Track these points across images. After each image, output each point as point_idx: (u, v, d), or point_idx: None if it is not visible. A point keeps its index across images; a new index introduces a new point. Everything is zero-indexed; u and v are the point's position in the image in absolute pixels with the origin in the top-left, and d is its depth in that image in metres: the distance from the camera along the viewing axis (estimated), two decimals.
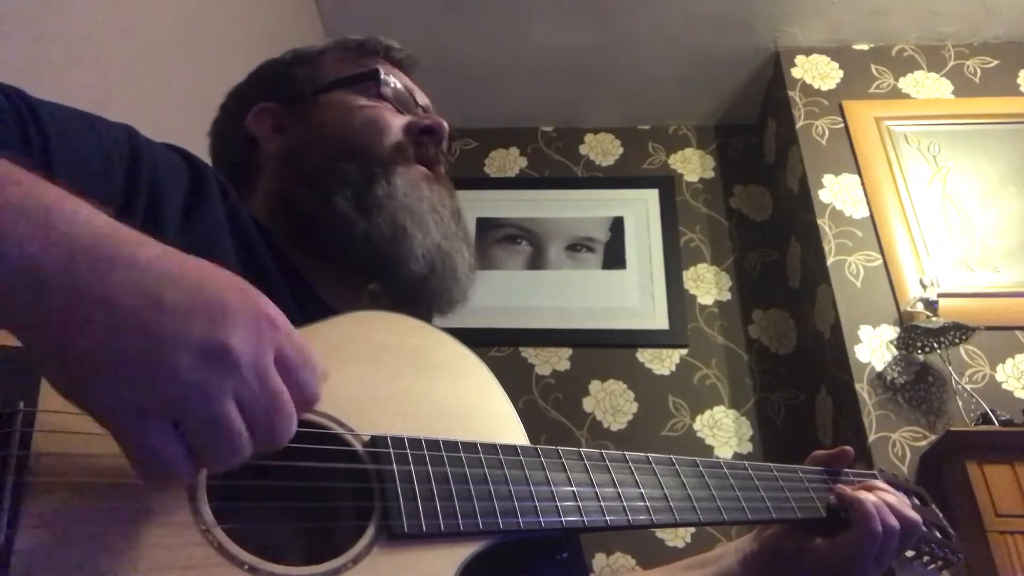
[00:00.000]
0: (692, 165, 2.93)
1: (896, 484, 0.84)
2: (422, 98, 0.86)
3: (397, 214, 0.73)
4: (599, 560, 2.17)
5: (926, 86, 2.56)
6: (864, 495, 0.76)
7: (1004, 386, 1.98)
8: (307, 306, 0.67)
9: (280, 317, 0.42)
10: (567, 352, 2.54)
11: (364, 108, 0.79)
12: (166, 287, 0.37)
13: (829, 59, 2.67)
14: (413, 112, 0.83)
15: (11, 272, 0.35)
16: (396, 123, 0.79)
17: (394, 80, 0.83)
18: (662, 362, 2.50)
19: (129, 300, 0.36)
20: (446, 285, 0.76)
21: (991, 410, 1.85)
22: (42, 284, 0.35)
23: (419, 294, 0.76)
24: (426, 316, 0.74)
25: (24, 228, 0.35)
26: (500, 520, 0.55)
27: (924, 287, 2.05)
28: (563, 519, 0.58)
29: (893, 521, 0.74)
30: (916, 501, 0.85)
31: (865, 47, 2.67)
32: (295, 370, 0.41)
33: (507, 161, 2.99)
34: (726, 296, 2.64)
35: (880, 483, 0.82)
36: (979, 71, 2.57)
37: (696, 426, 2.39)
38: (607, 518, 0.60)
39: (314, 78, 0.83)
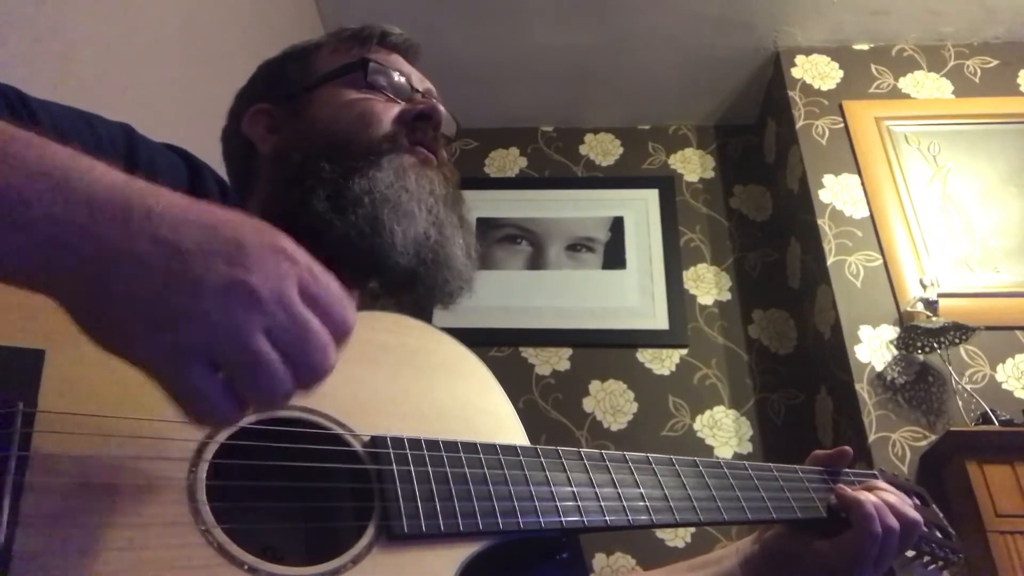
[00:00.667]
0: (692, 165, 2.93)
1: (897, 484, 0.84)
2: (421, 83, 0.84)
3: (376, 209, 0.71)
4: (599, 560, 2.17)
5: (926, 86, 2.56)
6: (865, 495, 0.76)
7: (1004, 386, 1.98)
8: None
9: (298, 251, 0.42)
10: (567, 352, 2.54)
11: (353, 101, 0.78)
12: (182, 232, 0.38)
13: (829, 59, 2.67)
14: (409, 99, 0.81)
15: (36, 231, 0.36)
16: (388, 113, 0.78)
17: (387, 67, 0.81)
18: (662, 362, 2.50)
19: (148, 248, 0.37)
20: (442, 276, 0.74)
21: (991, 410, 1.85)
22: (66, 240, 0.36)
23: (412, 287, 0.74)
24: (429, 309, 0.73)
25: (44, 188, 0.36)
26: (500, 520, 0.55)
27: (924, 287, 2.05)
28: (563, 519, 0.58)
29: (893, 522, 0.74)
30: (916, 501, 0.85)
31: (865, 47, 2.67)
32: (320, 300, 0.41)
33: (507, 161, 2.99)
34: (726, 296, 2.64)
35: (881, 483, 0.82)
36: (979, 71, 2.57)
37: (696, 426, 2.39)
38: (607, 518, 0.60)
39: (306, 74, 0.82)
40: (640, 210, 2.80)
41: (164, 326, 0.37)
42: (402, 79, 0.81)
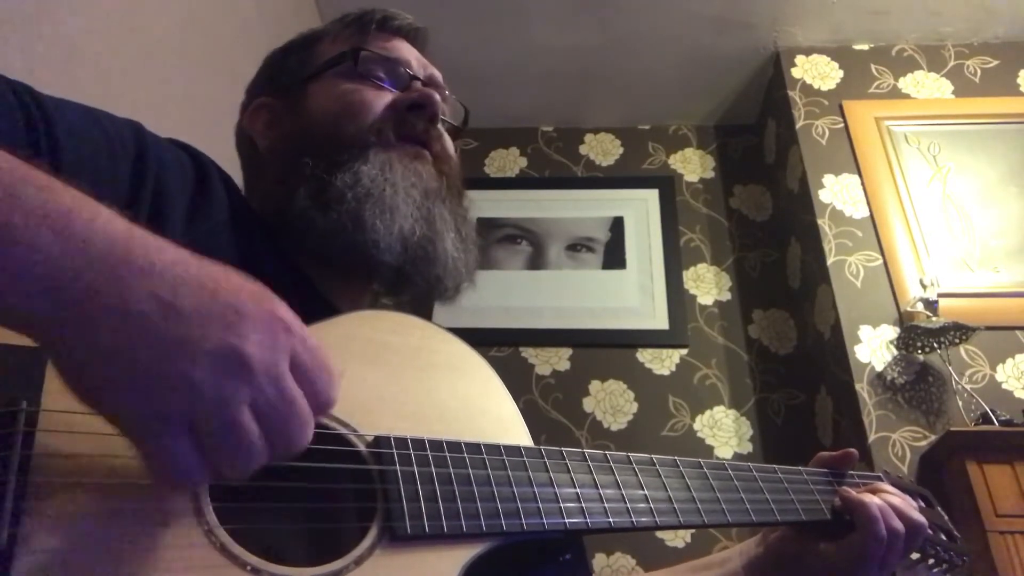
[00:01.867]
0: (692, 165, 2.93)
1: (901, 486, 0.84)
2: (423, 69, 0.81)
3: (359, 204, 0.68)
4: (599, 560, 2.17)
5: (926, 86, 2.56)
6: (869, 498, 0.75)
7: (1004, 386, 1.98)
8: (310, 305, 0.66)
9: (295, 322, 0.41)
10: (567, 352, 2.54)
11: (344, 92, 0.76)
12: (181, 293, 0.37)
13: (829, 59, 2.67)
14: (407, 87, 0.78)
15: (31, 278, 0.35)
16: (379, 103, 0.75)
17: (383, 54, 0.78)
18: (662, 362, 2.50)
19: (144, 306, 0.36)
20: (433, 273, 0.72)
21: (991, 410, 1.85)
22: (60, 290, 0.35)
23: (403, 285, 0.73)
24: (428, 306, 0.73)
25: (45, 233, 0.35)
26: (503, 521, 0.55)
27: (924, 287, 2.05)
28: (566, 520, 0.58)
29: (898, 524, 0.74)
30: (921, 503, 0.85)
31: (865, 47, 2.67)
32: (310, 375, 0.41)
33: (507, 161, 2.99)
34: (726, 296, 2.64)
35: (885, 485, 0.81)
36: (979, 71, 2.57)
37: (696, 426, 2.39)
38: (610, 519, 0.60)
39: (305, 66, 0.80)
40: (640, 210, 2.80)
41: (149, 388, 0.36)
42: (399, 66, 0.78)
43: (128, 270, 0.37)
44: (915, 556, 0.81)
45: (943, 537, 0.84)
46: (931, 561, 0.82)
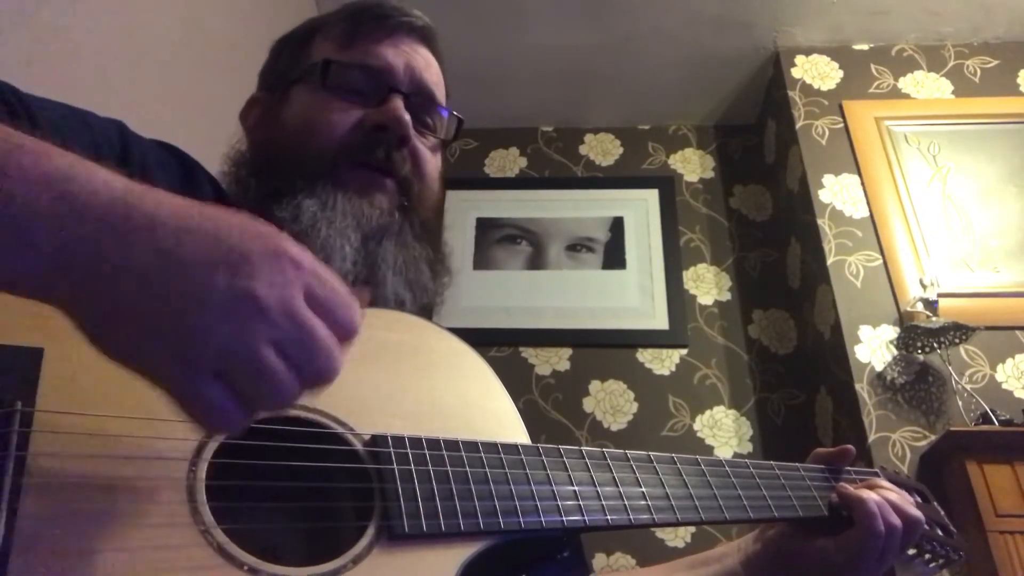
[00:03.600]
0: (692, 165, 2.93)
1: (898, 481, 0.84)
2: (408, 76, 0.75)
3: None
4: (599, 560, 2.16)
5: (926, 86, 2.56)
6: (867, 494, 0.76)
7: (1004, 386, 1.98)
8: None
9: (303, 255, 0.41)
10: (567, 352, 2.54)
11: (310, 108, 0.72)
12: (184, 242, 0.37)
13: (829, 59, 2.67)
14: (383, 98, 0.72)
15: (40, 245, 0.35)
16: (344, 122, 0.70)
17: (359, 63, 0.73)
18: (662, 362, 2.50)
19: (151, 260, 0.37)
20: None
21: (991, 410, 1.84)
22: (70, 254, 0.36)
23: None
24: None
25: (46, 200, 0.36)
26: (501, 520, 0.54)
27: (924, 287, 2.05)
28: (564, 518, 0.58)
29: (896, 520, 0.74)
30: (918, 499, 0.85)
31: (865, 47, 2.67)
32: (326, 304, 0.41)
33: (507, 161, 2.99)
34: (726, 296, 2.64)
35: (882, 481, 0.82)
36: (979, 71, 2.57)
37: (696, 426, 2.39)
38: (608, 517, 0.60)
39: (292, 65, 0.77)
40: (640, 210, 2.80)
41: (171, 339, 0.37)
42: (377, 76, 0.73)
43: (129, 226, 0.37)
44: (912, 551, 0.81)
45: (939, 532, 0.84)
46: (927, 556, 0.83)
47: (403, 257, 0.71)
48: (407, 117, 0.72)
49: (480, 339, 2.45)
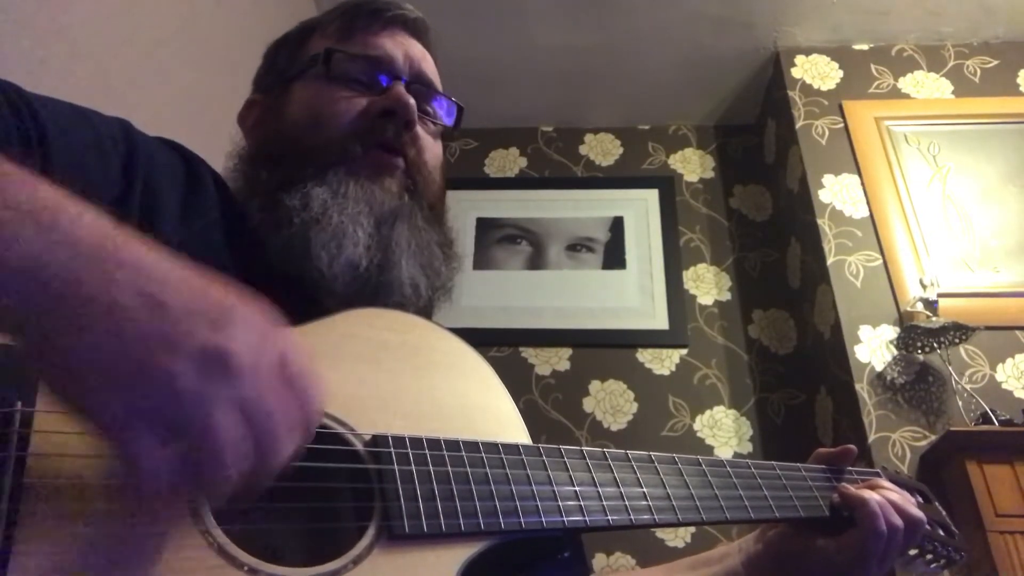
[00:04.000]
0: (692, 165, 2.93)
1: (899, 481, 0.84)
2: (408, 65, 0.76)
3: (306, 228, 0.65)
4: (599, 560, 2.16)
5: (926, 86, 2.56)
6: (868, 494, 0.76)
7: (1004, 386, 1.98)
8: (300, 306, 0.65)
9: (284, 327, 0.41)
10: (567, 352, 2.54)
11: (315, 99, 0.72)
12: (168, 290, 0.37)
13: (829, 59, 2.67)
14: (386, 87, 0.73)
15: (15, 273, 0.34)
16: (350, 110, 0.71)
17: (362, 53, 0.74)
18: (662, 362, 2.50)
19: (130, 301, 0.35)
20: (392, 300, 0.68)
21: (991, 410, 1.84)
22: (44, 285, 0.35)
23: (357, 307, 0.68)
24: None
25: (30, 228, 0.35)
26: (502, 520, 0.54)
27: (924, 287, 2.05)
28: (565, 519, 0.58)
29: (897, 520, 0.74)
30: (919, 499, 0.85)
31: (865, 47, 2.67)
32: (298, 382, 0.40)
33: (507, 161, 2.99)
34: (726, 296, 2.64)
35: (884, 481, 0.81)
36: (979, 71, 2.57)
37: (696, 426, 2.39)
38: (609, 517, 0.60)
39: (291, 63, 0.78)
40: (640, 210, 2.80)
41: (128, 382, 0.35)
42: (379, 66, 0.74)
43: (114, 264, 0.36)
44: (913, 552, 0.81)
45: (941, 532, 0.84)
46: (929, 556, 0.83)
47: (416, 240, 0.71)
48: (412, 101, 0.72)
49: (480, 339, 2.44)
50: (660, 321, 2.55)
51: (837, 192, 2.39)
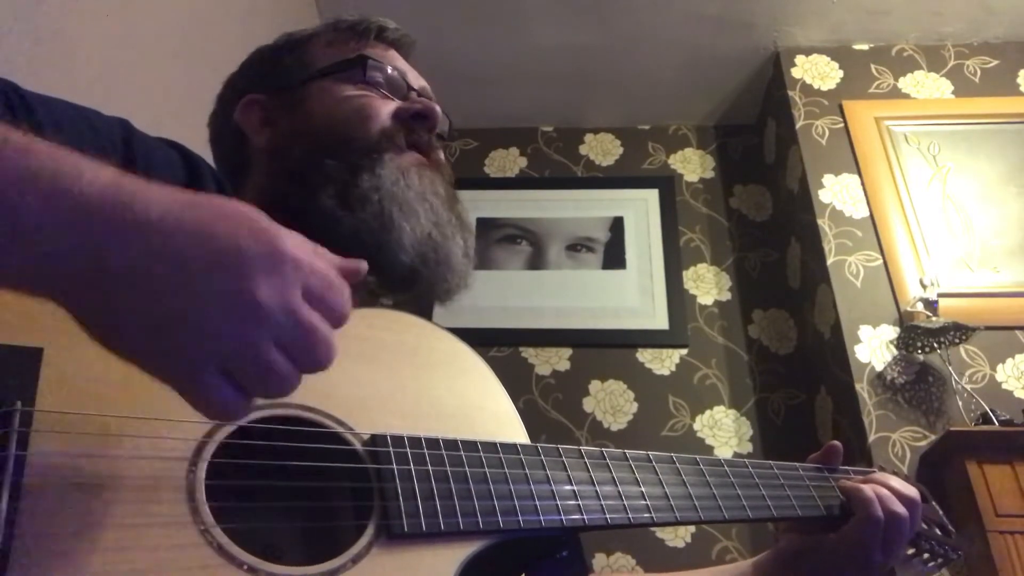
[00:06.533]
0: (692, 165, 2.93)
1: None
2: (416, 81, 0.84)
3: (384, 205, 0.71)
4: (599, 560, 2.16)
5: (926, 86, 2.56)
6: (863, 484, 0.78)
7: (1004, 386, 1.98)
8: None
9: (297, 250, 0.42)
10: (567, 352, 2.54)
11: (350, 97, 0.77)
12: (179, 241, 0.38)
13: (829, 59, 2.66)
14: (405, 97, 0.80)
15: (30, 244, 0.35)
16: (384, 110, 0.77)
17: (385, 64, 0.80)
18: (662, 362, 2.50)
19: (145, 261, 0.37)
20: (441, 275, 0.75)
21: (991, 410, 1.84)
22: (62, 252, 0.35)
23: (413, 285, 0.74)
24: (429, 307, 0.73)
25: (33, 196, 0.35)
26: (500, 519, 0.55)
27: (924, 287, 2.05)
28: (563, 518, 0.58)
29: (897, 507, 0.75)
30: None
31: (865, 47, 2.67)
32: (323, 298, 0.42)
33: (507, 161, 2.99)
34: (726, 296, 2.64)
35: (881, 474, 0.82)
36: (979, 71, 2.57)
37: (696, 426, 2.39)
38: (607, 516, 0.60)
39: (302, 66, 0.81)
40: (640, 210, 2.80)
41: (175, 343, 0.37)
42: (400, 77, 0.81)
43: (123, 221, 0.37)
44: (910, 551, 0.81)
45: (938, 532, 0.85)
46: (926, 555, 0.83)
47: (459, 223, 0.79)
48: (438, 108, 0.80)
49: (480, 339, 2.45)
50: (660, 321, 2.55)
51: (837, 192, 2.39)
